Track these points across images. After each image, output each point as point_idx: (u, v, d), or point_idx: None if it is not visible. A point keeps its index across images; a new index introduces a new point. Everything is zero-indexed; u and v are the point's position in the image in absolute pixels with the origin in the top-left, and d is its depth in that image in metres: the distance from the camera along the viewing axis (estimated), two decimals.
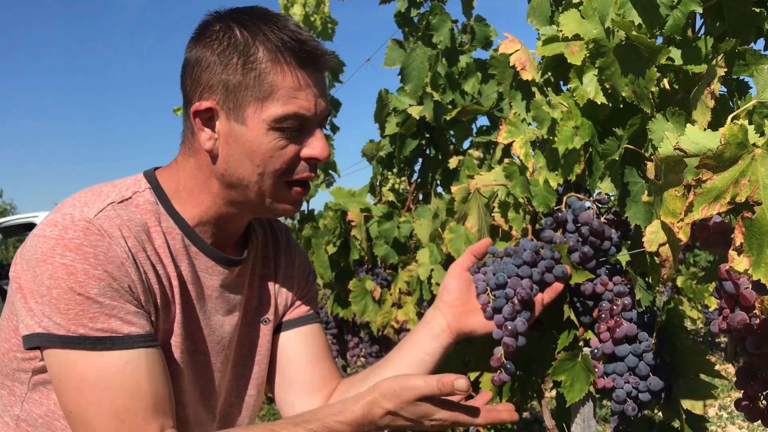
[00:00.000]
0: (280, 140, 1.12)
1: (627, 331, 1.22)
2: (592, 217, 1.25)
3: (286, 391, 1.37)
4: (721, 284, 0.93)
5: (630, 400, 1.23)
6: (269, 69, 1.10)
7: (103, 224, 1.07)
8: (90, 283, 1.03)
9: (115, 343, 1.04)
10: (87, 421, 1.04)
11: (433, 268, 1.70)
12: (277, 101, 1.11)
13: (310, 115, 1.13)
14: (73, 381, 1.04)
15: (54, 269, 1.02)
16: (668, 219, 0.89)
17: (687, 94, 1.13)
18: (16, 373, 1.13)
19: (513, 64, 1.32)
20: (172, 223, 1.17)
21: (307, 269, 1.47)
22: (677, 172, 0.88)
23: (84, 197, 1.12)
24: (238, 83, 1.11)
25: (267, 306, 1.36)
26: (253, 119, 1.12)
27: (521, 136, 1.35)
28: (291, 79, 1.11)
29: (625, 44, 1.09)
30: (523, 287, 1.22)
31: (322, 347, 1.41)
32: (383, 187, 2.43)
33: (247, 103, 1.12)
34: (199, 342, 1.22)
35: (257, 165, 1.13)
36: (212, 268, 1.22)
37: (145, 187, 1.18)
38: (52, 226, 1.06)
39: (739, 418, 4.23)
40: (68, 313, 1.02)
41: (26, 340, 1.06)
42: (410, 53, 2.06)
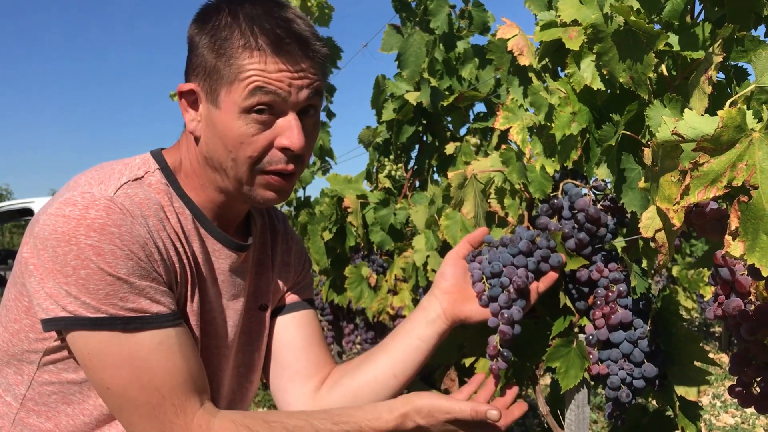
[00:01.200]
0: (251, 126, 1.10)
1: (622, 317, 1.22)
2: (588, 204, 1.25)
3: (279, 377, 1.37)
4: (717, 270, 0.93)
5: (624, 387, 1.23)
6: (239, 53, 1.09)
7: (124, 202, 1.06)
8: (119, 263, 1.02)
9: (145, 323, 1.04)
10: (127, 399, 1.05)
11: (429, 254, 1.70)
12: (243, 82, 1.09)
13: (280, 100, 1.10)
14: (106, 361, 1.04)
15: (80, 250, 1.00)
16: (664, 204, 0.89)
17: (685, 81, 1.12)
18: (26, 353, 1.12)
19: (510, 49, 1.32)
20: (182, 204, 1.17)
21: (303, 257, 1.47)
22: (674, 157, 0.88)
23: (98, 175, 1.11)
24: (213, 66, 1.10)
25: (265, 293, 1.36)
26: (225, 102, 1.11)
27: (518, 122, 1.35)
28: (261, 63, 1.09)
29: (623, 29, 1.08)
30: (518, 276, 1.22)
31: (315, 333, 1.41)
32: (380, 174, 2.43)
33: (220, 86, 1.10)
34: (209, 325, 1.22)
35: (230, 150, 1.12)
36: (220, 251, 1.22)
37: (155, 167, 1.17)
38: (71, 205, 1.03)
39: (733, 407, 4.25)
40: (98, 293, 1.01)
41: (47, 324, 1.04)
42: (407, 38, 2.04)
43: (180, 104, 1.16)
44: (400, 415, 1.12)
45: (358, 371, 1.33)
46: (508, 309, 1.22)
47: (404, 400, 1.14)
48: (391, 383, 1.29)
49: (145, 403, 1.04)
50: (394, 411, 1.12)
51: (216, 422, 1.07)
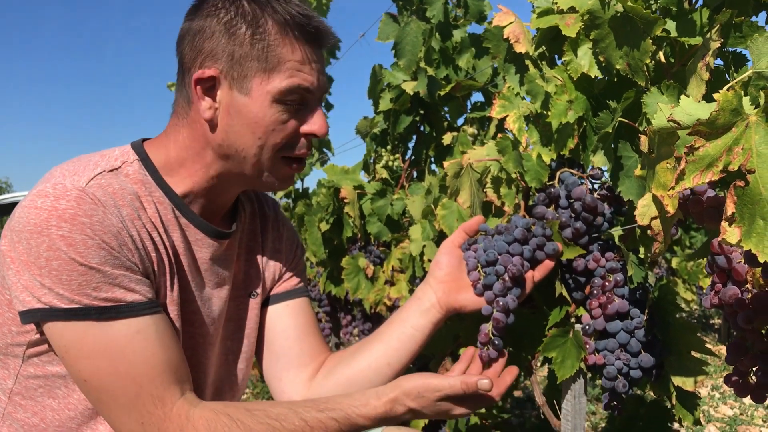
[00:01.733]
0: (283, 114, 1.13)
1: (619, 307, 1.21)
2: (585, 193, 1.24)
3: (273, 365, 1.37)
4: (714, 258, 0.92)
5: (621, 377, 1.22)
6: (278, 41, 1.11)
7: (96, 192, 1.05)
8: (90, 253, 1.01)
9: (121, 312, 1.03)
10: (104, 390, 1.04)
11: (426, 244, 1.69)
12: (283, 74, 1.11)
13: (313, 89, 1.14)
14: (82, 351, 1.03)
15: (51, 241, 1.00)
16: (659, 192, 0.88)
17: (682, 68, 1.11)
18: (10, 347, 1.12)
19: (507, 36, 1.30)
20: (161, 194, 1.16)
21: (295, 243, 1.46)
22: (670, 144, 0.87)
23: (73, 166, 1.10)
24: (245, 54, 1.11)
25: (255, 280, 1.35)
26: (257, 90, 1.12)
27: (515, 111, 1.33)
28: (298, 53, 1.12)
29: (621, 15, 1.07)
30: (513, 264, 1.22)
31: (309, 321, 1.40)
32: (377, 165, 2.41)
33: (253, 74, 1.11)
34: (191, 314, 1.21)
35: (258, 137, 1.14)
36: (202, 240, 1.21)
37: (134, 158, 1.16)
38: (43, 196, 1.03)
39: (732, 398, 4.25)
40: (71, 283, 1.00)
41: (24, 316, 1.04)
42: (404, 27, 2.03)
43: (194, 92, 1.14)
44: (389, 400, 1.12)
45: (353, 359, 1.32)
46: (503, 297, 1.21)
47: (393, 385, 1.14)
48: (385, 371, 1.29)
49: (123, 394, 1.03)
50: (383, 396, 1.12)
51: (196, 412, 1.06)
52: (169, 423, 1.04)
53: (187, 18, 1.17)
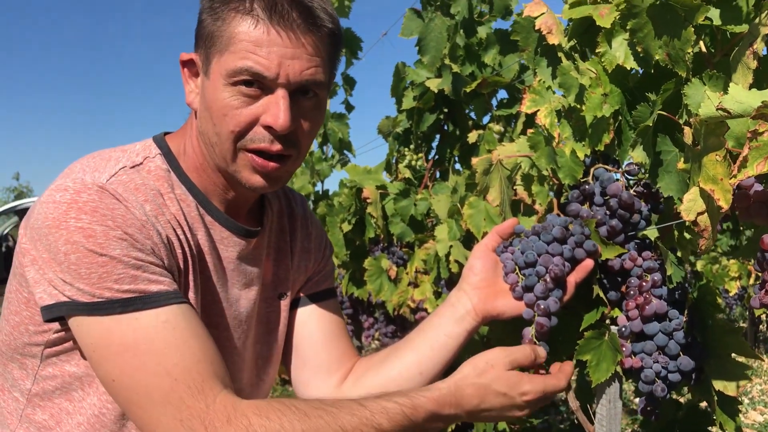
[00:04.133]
0: (236, 99, 1.04)
1: (657, 308, 1.16)
2: (621, 189, 1.20)
3: (301, 370, 1.33)
4: (764, 256, 0.88)
5: (659, 381, 1.18)
6: (232, 18, 1.03)
7: (118, 188, 1.01)
8: (111, 244, 0.97)
9: (147, 303, 0.98)
10: (135, 389, 0.97)
11: (452, 244, 1.65)
12: (234, 53, 1.02)
13: (268, 74, 1.02)
14: (110, 348, 0.97)
15: (69, 233, 0.96)
16: (708, 186, 0.84)
17: (725, 57, 1.07)
18: (27, 347, 1.08)
19: (539, 27, 1.27)
20: (184, 191, 1.12)
21: (324, 242, 1.41)
22: (719, 135, 0.83)
23: (93, 162, 1.06)
24: (208, 33, 1.06)
25: (284, 281, 1.31)
26: (214, 72, 1.05)
27: (546, 105, 1.30)
28: (253, 32, 1.02)
29: (660, 3, 1.03)
30: (555, 264, 1.17)
31: (337, 325, 1.36)
32: (399, 164, 2.38)
33: (212, 55, 1.05)
34: (215, 315, 1.16)
35: (214, 123, 1.06)
36: (228, 239, 1.17)
37: (156, 152, 1.12)
38: (62, 190, 0.99)
39: (761, 404, 4.17)
40: (91, 277, 0.96)
41: (47, 310, 1.00)
42: (428, 23, 1.99)
43: (182, 75, 1.12)
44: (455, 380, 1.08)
45: (383, 366, 1.28)
46: (545, 299, 1.17)
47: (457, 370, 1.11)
48: (417, 380, 1.24)
49: (157, 390, 0.96)
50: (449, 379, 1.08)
51: (243, 402, 0.98)
52: (215, 414, 0.95)
53: None
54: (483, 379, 1.08)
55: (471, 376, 1.08)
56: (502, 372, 1.09)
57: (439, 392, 1.06)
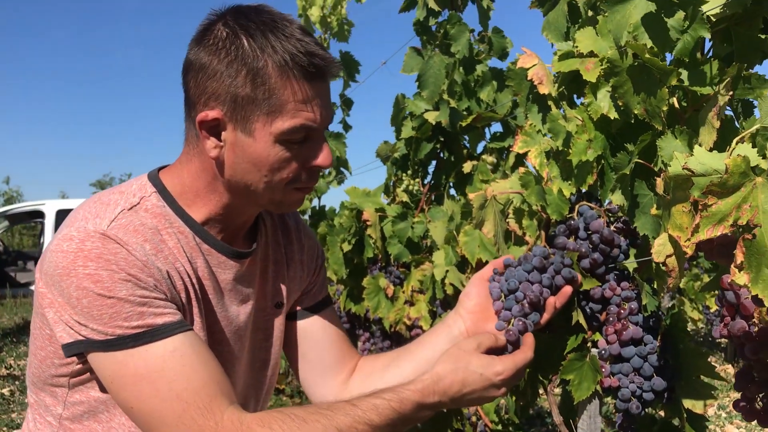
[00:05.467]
0: (287, 152, 1.14)
1: (633, 333, 1.28)
2: (602, 226, 1.32)
3: (309, 373, 1.45)
4: (723, 293, 1.00)
5: (634, 399, 1.29)
6: (279, 85, 1.10)
7: (118, 233, 1.09)
8: (117, 286, 1.05)
9: (155, 335, 1.07)
10: (151, 414, 1.06)
11: (448, 269, 1.78)
12: (285, 115, 1.12)
13: (316, 126, 1.15)
14: (126, 379, 1.07)
15: (79, 280, 1.05)
16: (675, 232, 0.96)
17: (695, 113, 1.19)
18: (55, 378, 1.18)
19: (531, 78, 1.39)
20: (181, 224, 1.19)
21: (317, 252, 1.50)
22: (685, 189, 0.95)
23: (94, 208, 1.14)
24: (246, 97, 1.11)
25: (280, 291, 1.40)
26: (260, 132, 1.13)
27: (536, 147, 1.42)
28: (299, 94, 1.12)
29: (638, 65, 1.15)
30: (532, 291, 1.30)
31: (338, 329, 1.48)
32: (397, 188, 2.50)
33: (255, 117, 1.12)
34: (218, 334, 1.25)
35: (264, 175, 1.16)
36: (225, 263, 1.25)
37: (151, 191, 1.20)
38: (68, 240, 1.08)
39: (737, 418, 4.30)
40: (102, 317, 1.05)
41: (68, 348, 1.10)
42: (428, 61, 2.12)
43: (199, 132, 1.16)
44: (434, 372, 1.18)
45: (386, 373, 1.39)
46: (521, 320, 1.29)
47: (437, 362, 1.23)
48: None
49: (170, 413, 1.05)
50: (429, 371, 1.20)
51: (248, 416, 1.08)
52: (224, 430, 1.05)
53: (191, 47, 1.16)
54: (461, 363, 1.19)
55: (449, 362, 1.19)
56: (475, 356, 1.20)
57: (422, 383, 1.17)
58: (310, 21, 3.52)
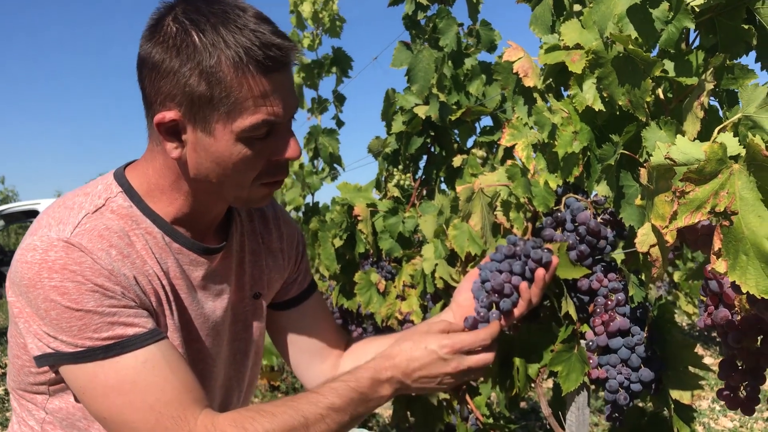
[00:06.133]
0: (250, 149, 1.10)
1: (620, 325, 1.29)
2: (589, 218, 1.32)
3: (300, 359, 1.47)
4: (707, 283, 1.00)
5: (622, 390, 1.30)
6: (235, 82, 1.05)
7: (82, 240, 1.07)
8: (84, 298, 1.04)
9: (125, 346, 1.06)
10: (124, 424, 1.06)
11: (438, 262, 1.78)
12: (245, 113, 1.07)
13: (279, 119, 1.11)
14: (96, 391, 1.06)
15: (45, 292, 1.03)
16: (658, 222, 0.96)
17: (680, 104, 1.19)
18: (32, 385, 1.18)
19: (516, 71, 1.39)
20: (149, 223, 1.17)
21: (297, 239, 1.50)
22: (667, 179, 0.95)
23: (58, 214, 1.11)
24: (203, 97, 1.06)
25: (258, 280, 1.39)
26: (221, 131, 1.09)
27: (523, 140, 1.42)
28: (256, 89, 1.07)
29: (623, 56, 1.15)
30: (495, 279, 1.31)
31: (325, 313, 1.50)
32: (389, 183, 2.51)
33: (215, 117, 1.08)
34: (193, 331, 1.25)
35: (228, 175, 1.13)
36: (195, 260, 1.24)
37: (117, 191, 1.17)
38: (32, 250, 1.06)
39: (732, 411, 4.32)
40: (71, 329, 1.04)
41: (38, 360, 1.09)
42: (417, 55, 2.12)
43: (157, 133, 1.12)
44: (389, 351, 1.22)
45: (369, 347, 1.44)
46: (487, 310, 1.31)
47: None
48: None
49: (144, 424, 1.05)
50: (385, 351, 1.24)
51: (220, 417, 1.09)
52: None
53: (142, 43, 1.11)
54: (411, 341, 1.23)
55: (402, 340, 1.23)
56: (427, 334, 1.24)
57: (374, 361, 1.21)
58: (301, 17, 3.52)
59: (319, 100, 3.80)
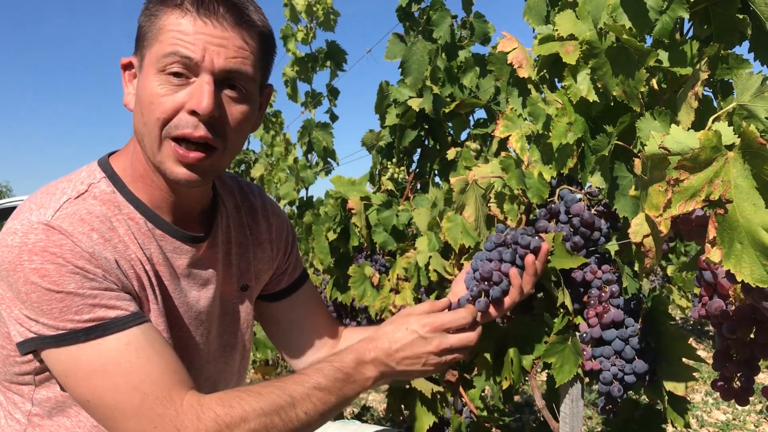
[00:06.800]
0: (164, 87, 1.08)
1: (614, 316, 1.29)
2: (583, 209, 1.32)
3: (294, 349, 1.48)
4: (701, 273, 1.00)
5: (616, 382, 1.30)
6: (162, 12, 1.08)
7: (62, 224, 1.06)
8: (65, 280, 1.03)
9: (107, 329, 1.05)
10: (109, 406, 1.05)
11: (431, 255, 1.77)
12: (163, 42, 1.07)
13: (194, 57, 1.07)
14: (79, 373, 1.05)
15: (26, 275, 1.02)
16: (652, 212, 0.96)
17: (674, 94, 1.19)
18: (18, 375, 1.16)
19: (510, 62, 1.39)
20: (132, 209, 1.16)
21: (286, 230, 1.49)
22: (661, 168, 0.95)
23: (39, 199, 1.11)
24: (143, 33, 1.11)
25: (246, 272, 1.39)
26: (146, 66, 1.10)
27: (517, 131, 1.42)
28: (181, 23, 1.07)
29: (617, 46, 1.15)
30: (484, 268, 1.31)
31: (317, 304, 1.50)
32: (383, 176, 2.50)
33: (145, 50, 1.10)
34: (176, 320, 1.24)
35: (142, 114, 1.10)
36: (179, 248, 1.23)
37: (101, 176, 1.17)
38: (12, 234, 1.05)
39: (724, 404, 4.33)
40: (53, 312, 1.03)
41: (21, 347, 1.08)
42: (411, 47, 2.11)
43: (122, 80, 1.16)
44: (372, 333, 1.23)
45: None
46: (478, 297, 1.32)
47: None
48: None
49: (129, 405, 1.04)
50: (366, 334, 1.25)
51: (206, 398, 1.08)
52: (185, 416, 1.05)
53: None
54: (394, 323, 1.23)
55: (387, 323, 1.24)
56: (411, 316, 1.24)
57: (358, 342, 1.21)
58: (295, 10, 3.51)
59: (313, 94, 3.78)
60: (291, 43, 3.65)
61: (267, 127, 5.21)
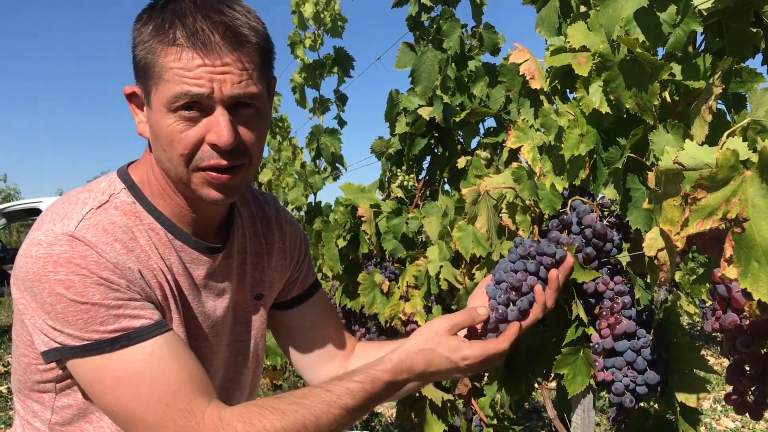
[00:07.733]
0: (179, 124, 1.08)
1: (626, 328, 1.28)
2: (595, 220, 1.32)
3: (306, 359, 1.46)
4: (715, 287, 1.00)
5: (628, 393, 1.30)
6: (160, 49, 1.06)
7: (86, 234, 1.07)
8: (90, 291, 1.04)
9: (132, 339, 1.06)
10: (133, 416, 1.06)
11: (442, 264, 1.78)
12: (169, 82, 1.06)
13: (203, 92, 1.06)
14: (105, 384, 1.06)
15: (51, 286, 1.04)
16: (666, 226, 0.96)
17: (687, 107, 1.19)
18: (39, 384, 1.17)
19: (522, 73, 1.39)
20: (152, 220, 1.17)
21: (299, 239, 1.49)
22: (676, 183, 0.95)
23: (62, 209, 1.12)
24: (143, 66, 1.09)
25: (260, 282, 1.39)
26: (155, 102, 1.09)
27: (529, 142, 1.42)
28: (181, 60, 1.05)
29: (630, 59, 1.15)
30: (513, 277, 1.29)
31: (329, 313, 1.49)
32: (392, 184, 2.50)
33: (150, 86, 1.09)
34: (195, 329, 1.25)
35: (164, 150, 1.11)
36: (198, 259, 1.24)
37: (121, 187, 1.18)
38: (36, 245, 1.06)
39: (733, 411, 4.32)
40: (78, 323, 1.04)
41: (46, 356, 1.09)
42: (421, 56, 2.12)
43: (129, 108, 1.17)
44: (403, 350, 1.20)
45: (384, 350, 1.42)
46: (505, 307, 1.28)
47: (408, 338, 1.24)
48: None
49: (152, 416, 1.05)
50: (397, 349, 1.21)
51: (227, 411, 1.08)
52: (205, 430, 1.06)
53: None
54: (429, 344, 1.19)
55: (419, 343, 1.20)
56: (444, 338, 1.20)
57: (391, 363, 1.18)
58: (303, 17, 3.52)
59: (321, 100, 3.80)
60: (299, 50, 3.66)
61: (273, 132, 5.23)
